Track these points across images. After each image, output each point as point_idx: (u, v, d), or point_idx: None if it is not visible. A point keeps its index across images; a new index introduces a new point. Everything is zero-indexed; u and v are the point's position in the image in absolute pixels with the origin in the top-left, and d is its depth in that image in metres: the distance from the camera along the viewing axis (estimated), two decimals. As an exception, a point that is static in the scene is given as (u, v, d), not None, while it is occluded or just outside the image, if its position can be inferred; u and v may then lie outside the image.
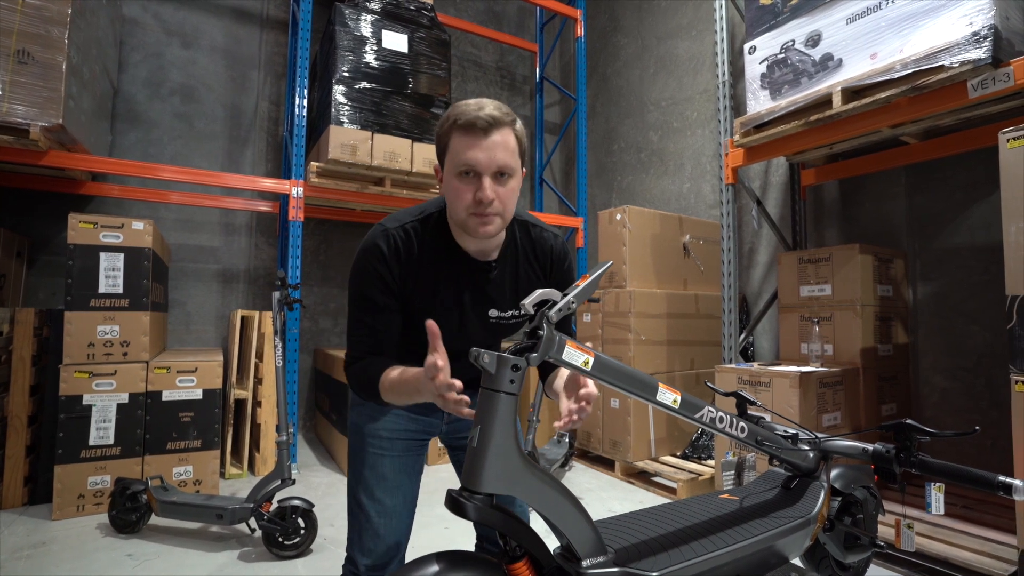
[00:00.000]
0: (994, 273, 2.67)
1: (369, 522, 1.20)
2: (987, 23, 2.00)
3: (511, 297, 1.19)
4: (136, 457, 2.74)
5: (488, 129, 1.00)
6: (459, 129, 1.01)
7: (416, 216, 1.13)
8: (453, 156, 1.02)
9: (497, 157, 1.00)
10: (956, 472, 1.01)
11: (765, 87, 2.75)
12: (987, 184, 2.70)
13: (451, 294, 1.13)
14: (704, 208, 4.21)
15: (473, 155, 0.99)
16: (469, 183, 1.01)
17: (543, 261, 1.21)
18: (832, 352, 2.76)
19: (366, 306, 1.10)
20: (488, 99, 1.04)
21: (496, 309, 1.18)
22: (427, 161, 3.68)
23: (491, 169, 1.01)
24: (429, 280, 1.11)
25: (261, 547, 2.31)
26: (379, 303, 1.09)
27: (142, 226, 2.83)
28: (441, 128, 1.05)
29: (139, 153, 3.83)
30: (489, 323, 1.19)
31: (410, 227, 1.11)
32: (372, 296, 1.09)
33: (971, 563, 1.91)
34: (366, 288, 1.09)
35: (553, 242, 1.22)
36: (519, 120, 1.07)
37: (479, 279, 1.14)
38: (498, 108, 1.02)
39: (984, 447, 2.66)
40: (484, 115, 0.99)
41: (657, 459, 3.32)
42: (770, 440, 1.17)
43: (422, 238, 1.11)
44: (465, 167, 1.00)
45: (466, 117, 1.00)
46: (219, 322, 4.06)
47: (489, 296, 1.16)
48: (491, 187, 1.00)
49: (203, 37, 4.10)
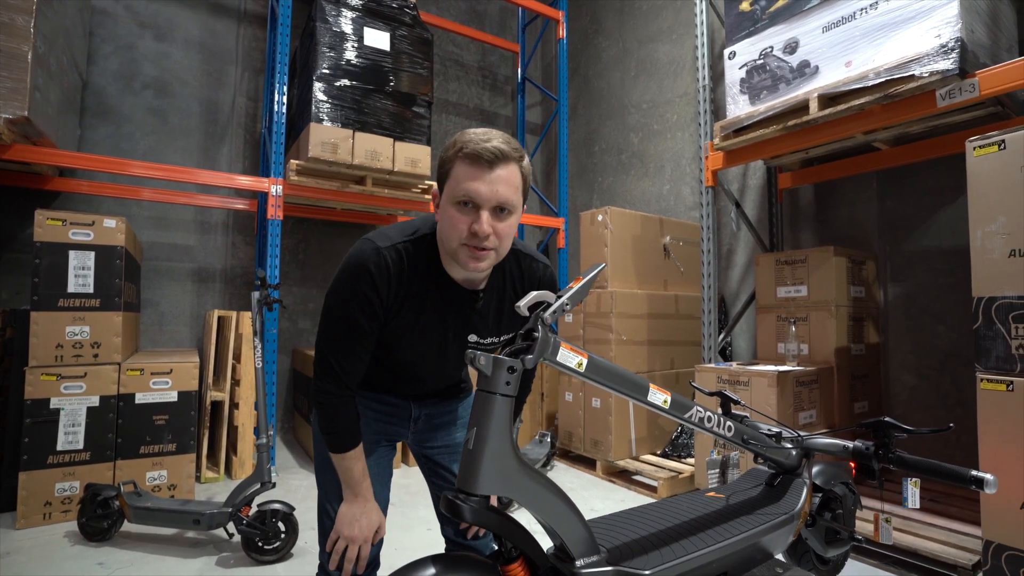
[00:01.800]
0: (959, 276, 2.77)
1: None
2: (954, 35, 2.08)
3: (493, 325, 1.18)
4: (107, 462, 2.66)
5: (493, 162, 0.97)
6: (464, 158, 0.98)
7: (408, 236, 1.09)
8: (454, 184, 0.99)
9: (499, 192, 0.98)
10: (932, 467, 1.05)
11: (744, 92, 2.81)
12: (953, 190, 2.81)
13: (435, 318, 1.11)
14: (684, 210, 4.28)
15: (475, 187, 0.97)
16: (466, 214, 0.99)
17: (530, 290, 1.18)
18: (808, 352, 2.83)
19: (348, 330, 1.05)
20: (497, 131, 1.02)
21: (476, 335, 1.17)
22: (409, 160, 3.65)
23: (491, 203, 0.98)
24: (415, 306, 1.09)
25: (240, 552, 2.26)
26: (363, 328, 1.05)
27: (114, 223, 2.74)
28: (445, 153, 1.02)
29: (110, 148, 3.72)
30: (467, 345, 1.18)
31: (402, 247, 1.07)
32: (355, 319, 1.04)
33: (938, 554, 1.99)
34: (350, 311, 1.04)
35: (542, 273, 1.21)
36: (527, 157, 1.04)
37: (464, 308, 1.13)
38: (507, 142, 0.99)
39: (949, 443, 2.76)
40: (491, 147, 0.96)
41: (638, 458, 3.36)
42: (755, 439, 1.20)
43: (414, 260, 1.07)
44: (465, 197, 0.97)
45: (472, 147, 0.97)
46: (194, 322, 3.96)
47: (472, 324, 1.15)
48: (488, 221, 0.98)
49: (177, 30, 4.00)
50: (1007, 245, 1.78)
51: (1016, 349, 1.74)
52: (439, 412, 1.29)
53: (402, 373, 1.21)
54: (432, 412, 1.28)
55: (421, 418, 1.29)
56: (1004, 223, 1.79)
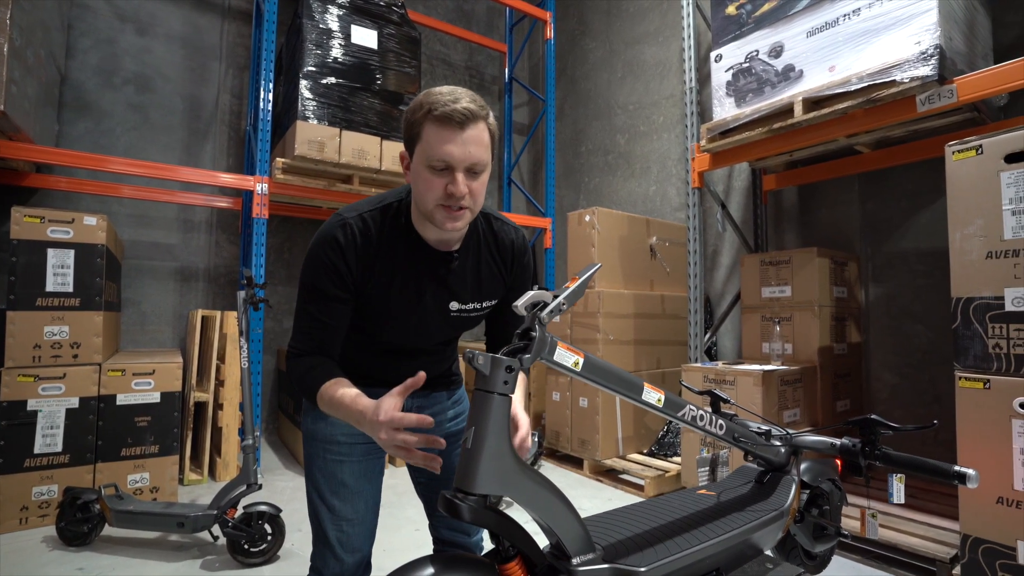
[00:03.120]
0: (937, 277, 2.85)
1: (333, 532, 1.17)
2: (933, 43, 2.13)
3: (472, 289, 1.17)
4: (87, 465, 2.60)
5: (464, 123, 0.97)
6: (434, 120, 0.97)
7: (375, 205, 1.10)
8: (426, 148, 0.99)
9: (472, 153, 0.98)
10: (916, 463, 1.08)
11: (730, 95, 2.85)
12: (932, 192, 2.88)
13: (411, 286, 1.11)
14: (670, 211, 4.32)
15: (448, 150, 0.97)
16: (441, 176, 0.99)
17: (504, 254, 1.20)
18: (792, 351, 2.88)
19: (315, 296, 1.07)
20: (461, 88, 1.00)
21: (457, 301, 1.16)
22: (396, 159, 3.64)
23: (465, 164, 0.98)
24: (387, 271, 1.09)
25: (225, 555, 2.23)
26: (329, 294, 1.06)
27: (95, 221, 2.69)
28: (413, 115, 1.01)
29: (89, 144, 3.63)
30: (450, 316, 1.17)
31: (368, 216, 1.08)
32: (323, 286, 1.06)
33: (917, 548, 2.04)
34: (318, 278, 1.06)
35: (514, 236, 1.21)
36: (491, 112, 1.04)
37: (440, 270, 1.12)
38: (473, 100, 0.99)
39: (928, 439, 2.83)
40: (461, 108, 0.96)
41: (625, 457, 3.39)
42: (746, 436, 1.22)
43: (381, 227, 1.08)
44: (439, 162, 0.98)
45: (442, 109, 0.96)
46: (177, 322, 3.89)
47: (450, 288, 1.14)
48: (464, 182, 0.99)
49: (160, 25, 3.92)
50: (984, 247, 1.83)
51: (993, 348, 1.79)
52: (429, 404, 1.28)
53: (388, 357, 1.20)
54: (423, 404, 1.27)
55: (412, 410, 1.28)
56: (982, 225, 1.84)
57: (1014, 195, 1.78)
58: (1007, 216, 1.79)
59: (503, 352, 0.88)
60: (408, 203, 1.12)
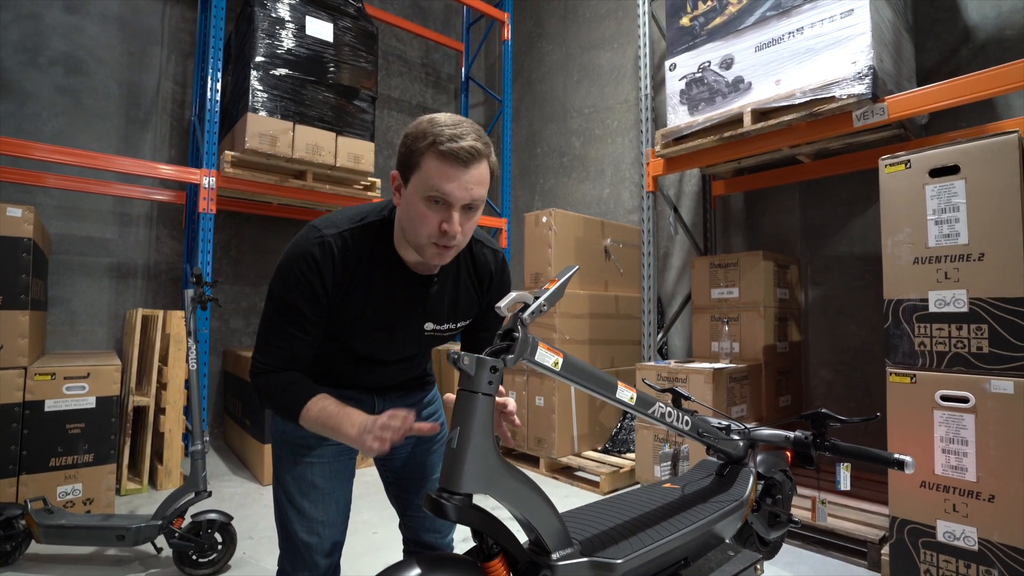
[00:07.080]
0: (869, 279, 3.07)
1: (304, 535, 1.15)
2: (868, 63, 2.30)
3: (449, 311, 1.17)
4: (9, 477, 2.39)
5: (468, 162, 0.95)
6: (437, 154, 0.94)
7: (356, 223, 1.06)
8: (425, 179, 0.96)
9: (473, 192, 0.97)
10: (862, 453, 1.17)
11: (684, 103, 2.96)
12: (865, 201, 3.10)
13: (386, 307, 1.09)
14: (623, 213, 4.44)
15: (449, 188, 0.95)
16: (436, 211, 0.97)
17: (482, 276, 1.21)
18: (739, 350, 3.03)
19: (286, 311, 1.03)
20: (467, 121, 0.98)
21: (432, 322, 1.16)
22: (352, 156, 3.55)
23: (463, 202, 0.97)
24: (363, 291, 1.07)
25: (171, 567, 2.11)
26: (305, 314, 1.03)
27: (19, 212, 2.48)
28: (415, 143, 0.97)
29: (11, 128, 3.34)
30: (424, 336, 1.17)
31: (348, 235, 1.04)
32: (295, 302, 1.02)
33: (851, 531, 2.20)
34: (290, 293, 1.02)
35: (492, 258, 1.22)
36: (492, 148, 1.03)
37: (418, 293, 1.12)
38: (478, 137, 0.97)
39: (859, 430, 3.05)
40: (467, 146, 0.94)
41: (580, 454, 3.46)
42: (708, 431, 1.28)
43: (361, 247, 1.05)
44: (438, 196, 0.96)
45: (448, 145, 0.93)
46: (112, 322, 3.64)
47: (427, 310, 1.14)
48: (459, 220, 0.98)
49: (92, 3, 3.66)
50: (912, 253, 1.99)
51: (919, 346, 1.95)
52: (405, 404, 1.27)
53: (361, 364, 1.19)
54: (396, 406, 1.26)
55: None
56: (910, 233, 2.00)
57: (936, 206, 1.95)
58: (931, 225, 1.96)
59: (487, 352, 0.89)
60: (391, 222, 1.09)
